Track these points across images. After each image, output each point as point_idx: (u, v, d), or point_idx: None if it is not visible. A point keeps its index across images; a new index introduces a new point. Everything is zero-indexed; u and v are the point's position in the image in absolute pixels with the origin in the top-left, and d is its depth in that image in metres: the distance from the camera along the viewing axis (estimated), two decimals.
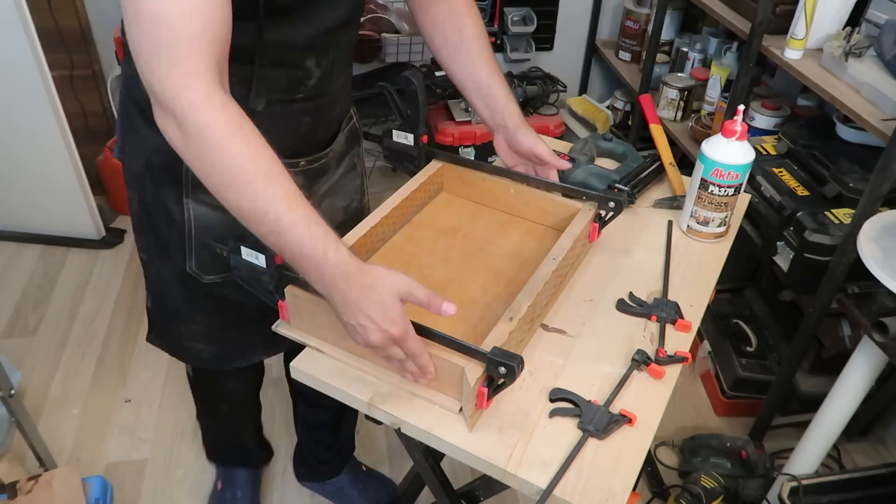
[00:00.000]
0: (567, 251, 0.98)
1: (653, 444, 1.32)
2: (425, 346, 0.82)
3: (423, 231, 1.14)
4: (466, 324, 0.96)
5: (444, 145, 2.46)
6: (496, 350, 0.78)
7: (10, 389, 1.44)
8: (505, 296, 1.00)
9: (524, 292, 0.90)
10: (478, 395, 0.80)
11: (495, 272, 1.05)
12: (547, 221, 1.15)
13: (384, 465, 1.78)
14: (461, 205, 1.20)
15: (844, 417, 1.43)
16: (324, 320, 0.89)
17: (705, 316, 1.05)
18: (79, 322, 2.16)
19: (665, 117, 2.25)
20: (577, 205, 1.08)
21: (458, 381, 0.81)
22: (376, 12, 2.45)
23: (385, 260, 1.07)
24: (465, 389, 0.80)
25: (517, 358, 0.77)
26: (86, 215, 2.41)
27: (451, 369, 0.81)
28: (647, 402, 0.87)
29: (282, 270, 0.90)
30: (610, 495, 0.77)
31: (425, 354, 0.82)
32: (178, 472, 1.74)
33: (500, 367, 0.77)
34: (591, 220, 1.06)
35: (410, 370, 0.84)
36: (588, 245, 1.10)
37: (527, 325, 0.91)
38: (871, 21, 1.59)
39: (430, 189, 1.19)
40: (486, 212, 1.19)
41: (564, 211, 1.10)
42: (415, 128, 1.14)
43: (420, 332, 0.82)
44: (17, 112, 2.11)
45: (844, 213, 1.50)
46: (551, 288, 0.97)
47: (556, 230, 1.13)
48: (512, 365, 0.76)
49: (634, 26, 2.52)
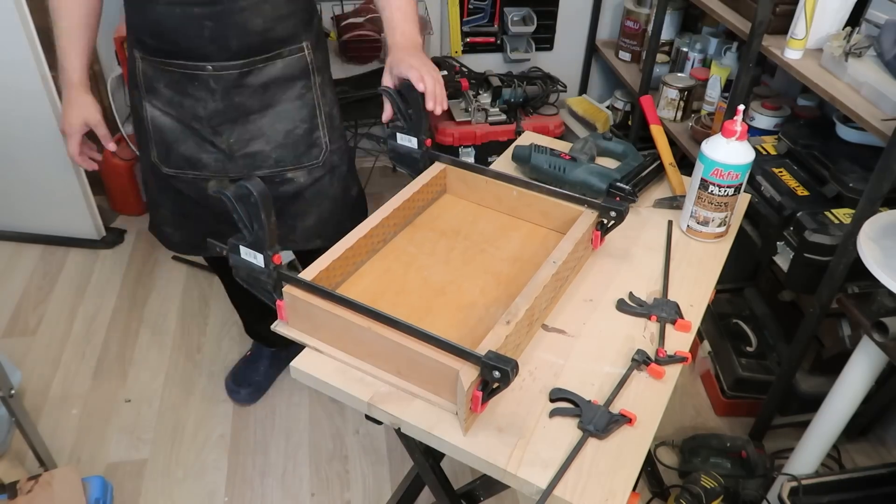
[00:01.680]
0: (568, 255, 0.97)
1: (653, 444, 1.32)
2: (76, 151, 1.37)
3: (424, 232, 1.14)
4: (464, 326, 0.96)
5: (444, 145, 2.46)
6: (491, 354, 0.78)
7: (10, 389, 1.44)
8: (504, 298, 1.00)
9: (522, 296, 0.90)
10: (472, 399, 0.80)
11: (495, 274, 1.05)
12: (549, 224, 1.15)
13: (384, 465, 1.78)
14: (463, 207, 1.20)
15: (844, 417, 1.43)
16: (321, 320, 0.90)
17: (705, 316, 1.05)
18: (79, 322, 2.16)
19: (665, 117, 2.25)
20: (579, 208, 1.08)
21: (453, 383, 0.81)
22: (376, 12, 2.45)
23: (385, 260, 1.07)
24: (460, 393, 0.80)
25: (511, 362, 0.76)
26: (86, 215, 2.41)
27: (446, 372, 0.81)
28: (647, 402, 0.87)
29: (280, 270, 0.90)
30: (610, 495, 0.77)
31: (76, 157, 1.39)
32: (178, 472, 1.74)
33: (494, 372, 0.77)
34: (593, 226, 1.05)
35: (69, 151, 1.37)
36: (590, 250, 1.10)
37: (525, 329, 0.91)
38: (871, 21, 1.58)
39: (432, 191, 1.19)
40: (489, 214, 1.19)
41: (566, 214, 1.10)
42: (418, 132, 1.14)
43: (416, 335, 0.82)
44: (17, 112, 2.11)
45: (844, 213, 1.50)
46: (550, 291, 0.97)
47: (558, 233, 1.13)
48: (506, 369, 0.76)
49: (634, 26, 2.51)
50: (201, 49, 1.23)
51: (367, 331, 0.86)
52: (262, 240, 0.88)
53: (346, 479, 1.75)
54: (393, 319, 0.84)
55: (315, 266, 0.95)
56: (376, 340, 0.86)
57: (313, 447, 1.82)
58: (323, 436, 1.85)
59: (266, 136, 1.35)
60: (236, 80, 1.28)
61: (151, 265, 2.40)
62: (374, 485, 1.73)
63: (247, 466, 1.76)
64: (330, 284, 0.97)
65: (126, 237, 2.51)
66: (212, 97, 1.29)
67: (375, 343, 0.86)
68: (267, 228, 0.86)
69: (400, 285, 1.02)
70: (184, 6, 1.18)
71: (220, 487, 1.71)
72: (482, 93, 2.53)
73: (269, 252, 0.88)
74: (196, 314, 2.21)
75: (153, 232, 1.58)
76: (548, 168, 1.26)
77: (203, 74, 1.26)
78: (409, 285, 1.03)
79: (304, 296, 0.89)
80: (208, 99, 1.29)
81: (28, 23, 1.99)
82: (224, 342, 2.11)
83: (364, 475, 1.76)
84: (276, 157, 1.37)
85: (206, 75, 1.26)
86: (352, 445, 1.82)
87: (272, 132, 1.35)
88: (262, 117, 1.34)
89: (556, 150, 1.28)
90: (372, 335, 0.85)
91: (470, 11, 2.61)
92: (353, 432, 1.86)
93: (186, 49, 1.23)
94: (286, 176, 1.40)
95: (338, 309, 0.88)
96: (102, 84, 2.50)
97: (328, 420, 1.89)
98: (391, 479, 1.74)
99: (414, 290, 1.02)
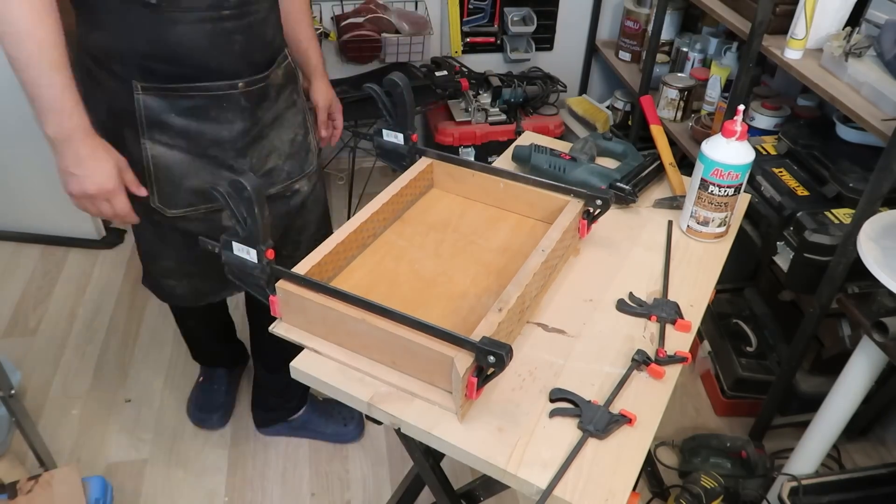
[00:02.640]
0: (556, 243, 0.98)
1: (653, 444, 1.32)
2: (130, 206, 1.14)
3: (413, 226, 1.14)
4: (457, 315, 0.96)
5: (444, 145, 2.46)
6: (485, 339, 0.79)
7: (10, 389, 1.44)
8: (495, 288, 1.01)
9: (513, 283, 0.91)
10: (468, 386, 0.81)
11: (485, 265, 1.06)
12: (536, 215, 1.16)
13: (384, 465, 1.78)
14: (451, 200, 1.21)
15: (844, 417, 1.43)
16: (315, 314, 0.90)
17: (705, 316, 1.05)
18: (79, 322, 2.16)
19: (665, 117, 2.25)
20: (565, 198, 1.09)
21: (448, 371, 0.81)
22: (376, 12, 2.45)
23: (376, 255, 1.07)
24: (455, 380, 0.80)
25: (506, 347, 0.77)
26: (86, 215, 2.39)
27: (441, 360, 0.81)
28: (647, 402, 0.87)
29: (273, 266, 0.90)
30: (610, 495, 0.77)
31: (131, 214, 1.16)
32: (178, 472, 1.74)
33: (489, 357, 0.78)
34: (580, 214, 1.06)
35: (108, 214, 1.14)
36: (577, 238, 1.10)
37: (516, 317, 0.92)
38: (871, 21, 1.58)
39: (420, 185, 1.20)
40: (476, 206, 1.20)
41: (553, 204, 1.11)
42: (403, 128, 1.15)
43: (410, 324, 0.83)
44: (17, 112, 2.11)
45: (844, 213, 1.50)
46: (540, 279, 0.98)
47: (545, 223, 1.14)
48: (501, 353, 0.76)
49: (634, 26, 2.51)
50: (232, 66, 1.15)
51: (361, 322, 0.86)
52: (255, 234, 0.87)
53: (346, 479, 1.75)
54: (386, 309, 0.84)
55: (307, 261, 0.95)
56: (370, 332, 0.86)
57: (313, 447, 1.82)
58: None
59: (277, 150, 1.30)
60: (261, 95, 1.22)
61: None
62: (374, 485, 1.73)
63: (247, 466, 1.76)
64: (322, 279, 0.97)
65: (126, 237, 2.51)
66: (241, 117, 1.20)
67: (370, 335, 0.87)
68: (260, 223, 0.86)
69: (391, 278, 1.03)
70: (215, 22, 1.09)
71: (220, 487, 1.71)
72: (482, 93, 2.53)
73: (263, 247, 0.88)
74: None
75: (150, 287, 1.47)
76: (548, 168, 1.26)
77: (235, 93, 1.17)
78: (400, 278, 1.03)
79: (298, 290, 0.90)
80: (236, 120, 1.20)
81: None
82: None
83: (364, 475, 1.76)
84: (287, 170, 1.33)
85: (237, 94, 1.17)
86: (352, 445, 1.82)
87: (280, 144, 1.30)
88: (272, 130, 1.28)
89: (556, 150, 1.28)
90: (366, 326, 0.86)
91: (470, 11, 2.62)
92: None
93: (217, 69, 1.14)
94: (294, 188, 1.36)
95: (331, 302, 0.88)
96: None
97: None
98: (391, 479, 1.74)
99: (405, 283, 1.02)
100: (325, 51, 2.56)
